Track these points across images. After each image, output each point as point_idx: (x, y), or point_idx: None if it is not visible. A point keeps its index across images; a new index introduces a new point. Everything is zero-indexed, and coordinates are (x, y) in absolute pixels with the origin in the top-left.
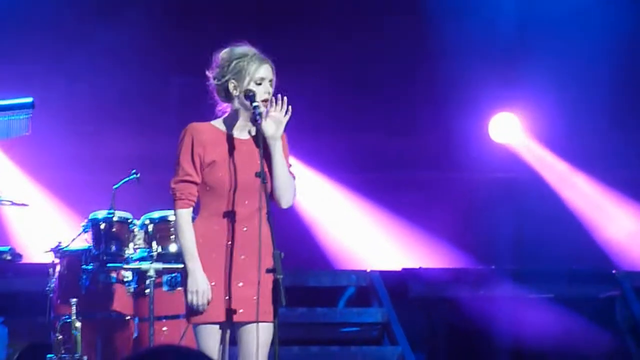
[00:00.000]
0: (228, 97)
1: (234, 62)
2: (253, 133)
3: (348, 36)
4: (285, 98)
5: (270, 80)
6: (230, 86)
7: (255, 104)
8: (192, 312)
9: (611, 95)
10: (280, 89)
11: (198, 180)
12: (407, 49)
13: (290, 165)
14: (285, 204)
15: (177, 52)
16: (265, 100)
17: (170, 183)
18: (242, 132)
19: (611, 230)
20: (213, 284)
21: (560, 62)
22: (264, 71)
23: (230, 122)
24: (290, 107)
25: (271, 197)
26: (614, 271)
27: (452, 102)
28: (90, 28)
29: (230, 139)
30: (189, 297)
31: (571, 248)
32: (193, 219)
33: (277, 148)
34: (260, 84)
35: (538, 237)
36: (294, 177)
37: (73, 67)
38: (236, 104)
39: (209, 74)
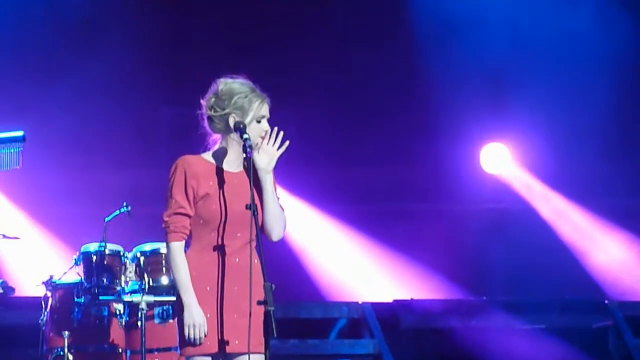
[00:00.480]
0: (227, 129)
1: (237, 97)
2: (242, 168)
3: (339, 68)
4: (281, 133)
5: (268, 118)
6: (231, 120)
7: (245, 136)
8: (186, 344)
9: (600, 125)
10: (272, 120)
11: (191, 213)
12: (397, 81)
13: (278, 198)
14: (275, 237)
15: (167, 84)
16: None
17: (163, 216)
18: (234, 164)
19: (602, 260)
20: (208, 316)
21: (550, 92)
22: (265, 110)
23: (222, 154)
24: (287, 142)
25: (261, 230)
26: (606, 301)
27: (443, 133)
28: (81, 60)
29: (221, 172)
30: (186, 330)
31: (563, 278)
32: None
33: (269, 181)
34: (260, 121)
35: (529, 268)
36: (282, 210)
37: (64, 99)
38: (232, 136)
39: (203, 102)
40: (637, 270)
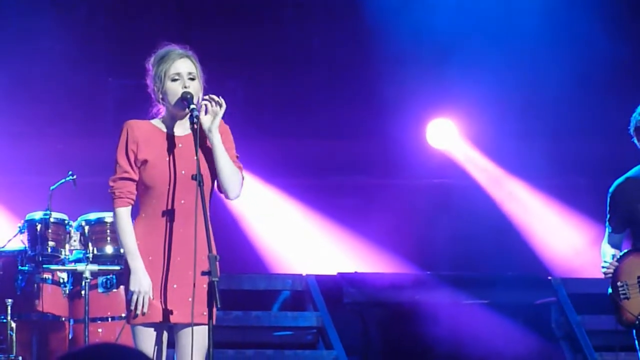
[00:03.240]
0: (162, 100)
1: (155, 67)
2: (189, 131)
3: (287, 40)
4: (217, 98)
5: (190, 73)
6: (155, 90)
7: (192, 106)
8: (132, 311)
9: (547, 101)
10: (220, 90)
11: (135, 177)
12: (344, 55)
13: (237, 156)
14: (232, 195)
15: (115, 54)
16: (185, 97)
17: (109, 181)
18: (179, 130)
19: (546, 236)
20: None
21: (497, 67)
22: (180, 66)
23: (168, 119)
24: (222, 100)
25: (219, 190)
26: (549, 277)
27: (389, 108)
28: (28, 29)
29: (165, 136)
30: (133, 297)
31: (507, 254)
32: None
33: (216, 140)
34: (176, 79)
35: (474, 243)
36: (240, 169)
37: (9, 68)
38: (166, 106)
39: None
40: (581, 248)
